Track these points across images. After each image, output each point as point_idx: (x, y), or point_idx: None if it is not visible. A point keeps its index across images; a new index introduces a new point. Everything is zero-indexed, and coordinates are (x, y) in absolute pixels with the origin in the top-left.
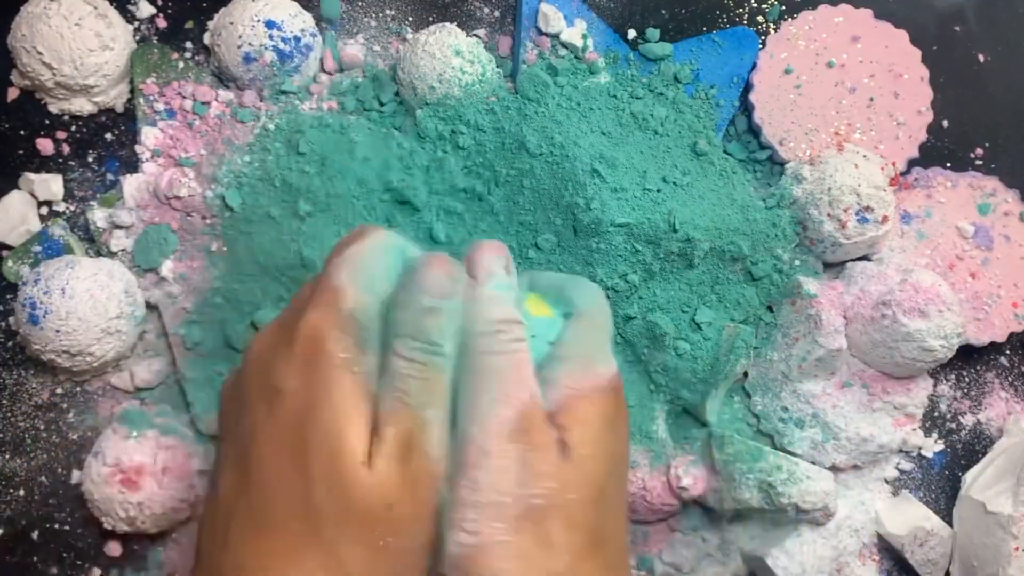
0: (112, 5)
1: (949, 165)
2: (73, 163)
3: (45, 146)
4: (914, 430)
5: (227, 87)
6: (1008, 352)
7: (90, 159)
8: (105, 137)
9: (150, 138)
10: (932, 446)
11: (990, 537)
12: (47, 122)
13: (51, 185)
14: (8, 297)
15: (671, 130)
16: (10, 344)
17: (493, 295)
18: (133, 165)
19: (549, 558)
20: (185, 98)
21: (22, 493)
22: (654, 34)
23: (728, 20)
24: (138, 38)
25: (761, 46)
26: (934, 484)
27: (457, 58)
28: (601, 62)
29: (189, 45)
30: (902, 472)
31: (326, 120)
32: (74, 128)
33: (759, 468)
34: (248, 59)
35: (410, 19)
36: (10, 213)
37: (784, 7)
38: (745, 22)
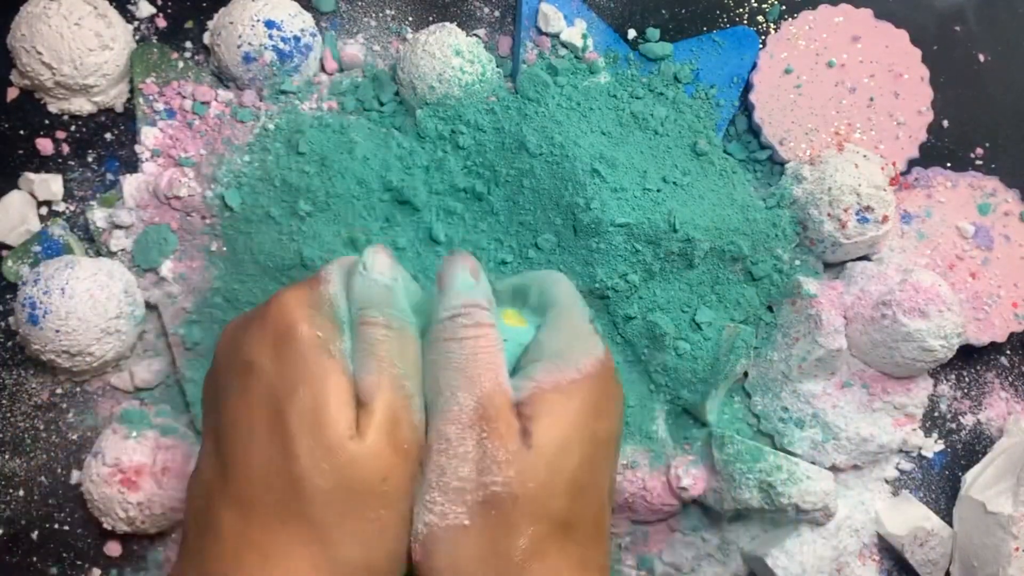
0: (112, 5)
1: (949, 165)
2: (73, 163)
3: (45, 146)
4: (914, 430)
5: (227, 87)
6: (1008, 352)
7: (90, 159)
8: (105, 137)
9: (150, 138)
10: (932, 446)
11: (990, 537)
12: (47, 122)
13: (51, 185)
14: (8, 297)
15: (671, 130)
16: (10, 344)
17: (456, 290)
18: (133, 165)
19: (509, 544)
20: (185, 98)
21: (22, 493)
22: (654, 34)
23: (728, 20)
24: (138, 38)
25: (761, 46)
26: (934, 484)
27: (457, 58)
28: (601, 62)
29: (189, 45)
30: (902, 472)
31: (326, 120)
32: (74, 128)
33: (759, 468)
34: (248, 59)
35: (410, 19)
36: (10, 213)
37: (784, 7)
38: (745, 22)
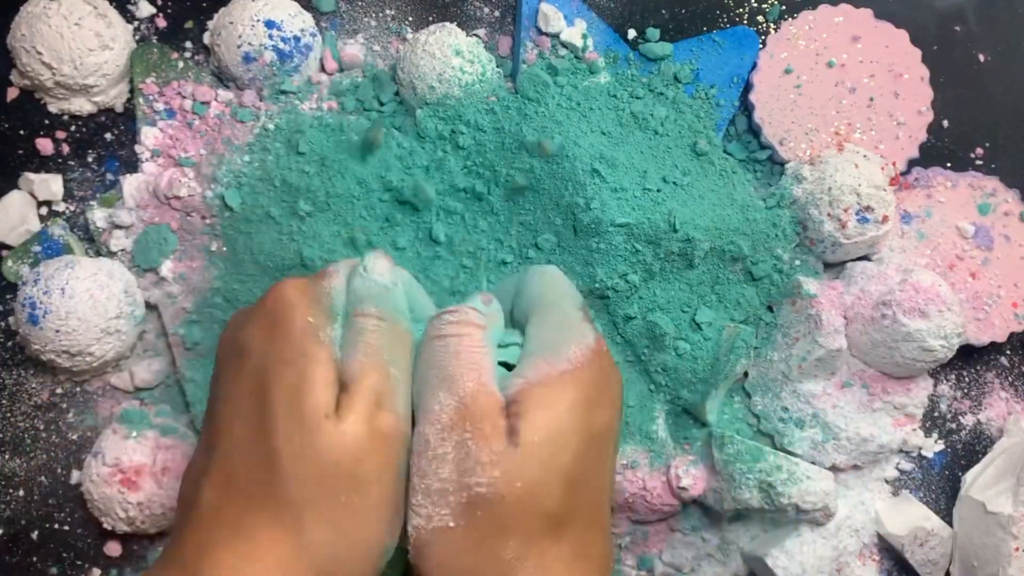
0: (112, 5)
1: (949, 165)
2: (73, 163)
3: (45, 146)
4: (914, 430)
5: (227, 87)
6: (1008, 352)
7: (90, 159)
8: (105, 137)
9: (150, 138)
10: (932, 446)
11: (990, 537)
12: (47, 122)
13: (51, 185)
14: (8, 297)
15: (671, 130)
16: (10, 344)
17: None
18: (133, 165)
19: (498, 543)
20: (185, 98)
21: (22, 493)
22: (654, 34)
23: (728, 20)
24: (138, 38)
25: (761, 46)
26: (934, 484)
27: (457, 58)
28: (601, 62)
29: (189, 45)
30: (902, 472)
31: (326, 120)
32: (74, 128)
33: (759, 468)
34: (248, 59)
35: (410, 19)
36: (10, 213)
37: (784, 7)
38: (745, 22)
